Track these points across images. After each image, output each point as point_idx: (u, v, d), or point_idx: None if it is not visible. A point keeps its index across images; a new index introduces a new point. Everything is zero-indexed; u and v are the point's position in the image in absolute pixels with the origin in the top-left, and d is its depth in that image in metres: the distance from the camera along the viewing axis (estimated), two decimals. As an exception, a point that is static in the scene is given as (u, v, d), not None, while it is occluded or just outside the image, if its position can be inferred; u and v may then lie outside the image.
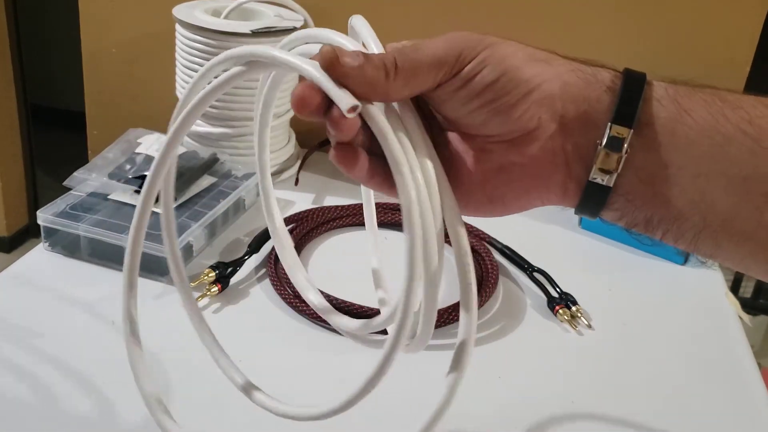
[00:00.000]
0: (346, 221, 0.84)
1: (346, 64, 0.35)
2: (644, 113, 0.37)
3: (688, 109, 0.37)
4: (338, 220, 0.84)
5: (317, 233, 0.82)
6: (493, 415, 0.60)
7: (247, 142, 0.92)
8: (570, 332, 0.71)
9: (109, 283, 0.71)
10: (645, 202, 0.38)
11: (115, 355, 0.61)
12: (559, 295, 0.75)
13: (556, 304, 0.74)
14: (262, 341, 0.66)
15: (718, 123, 0.37)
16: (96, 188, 0.78)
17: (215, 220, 0.79)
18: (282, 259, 0.50)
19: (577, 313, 0.72)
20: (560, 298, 0.74)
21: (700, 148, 0.37)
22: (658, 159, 0.37)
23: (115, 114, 1.14)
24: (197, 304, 0.49)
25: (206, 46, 0.86)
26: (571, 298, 0.74)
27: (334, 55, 0.35)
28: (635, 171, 0.37)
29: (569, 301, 0.74)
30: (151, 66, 1.09)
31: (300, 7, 0.95)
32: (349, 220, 0.84)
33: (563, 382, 0.65)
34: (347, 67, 0.35)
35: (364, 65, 0.35)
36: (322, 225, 0.83)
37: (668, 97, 0.38)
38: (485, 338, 0.69)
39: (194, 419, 0.56)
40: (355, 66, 0.35)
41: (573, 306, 0.73)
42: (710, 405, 0.64)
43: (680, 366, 0.69)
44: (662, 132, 0.37)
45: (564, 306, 0.73)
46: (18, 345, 0.61)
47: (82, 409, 0.55)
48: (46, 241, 0.74)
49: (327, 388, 0.61)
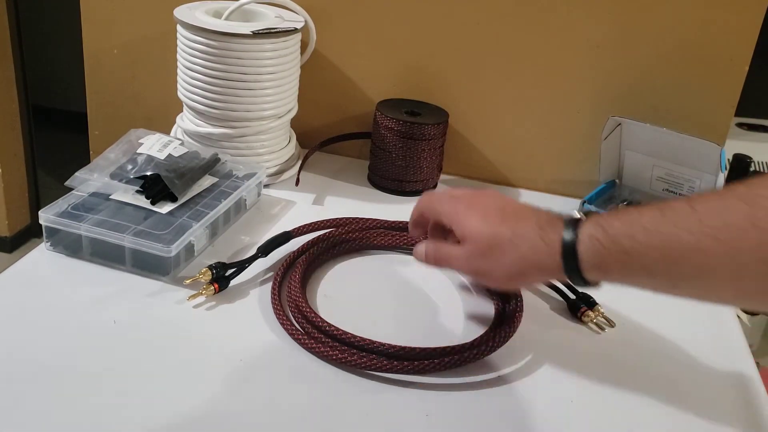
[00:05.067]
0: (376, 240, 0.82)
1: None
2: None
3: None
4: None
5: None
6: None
7: (248, 142, 0.92)
8: (600, 333, 0.72)
9: (111, 282, 0.71)
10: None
11: (116, 354, 0.62)
12: (577, 297, 0.75)
13: (579, 307, 0.74)
14: (247, 345, 0.65)
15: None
16: (98, 188, 0.78)
17: (216, 219, 0.79)
18: None
19: (601, 315, 0.73)
20: (580, 300, 0.74)
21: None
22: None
23: (116, 114, 1.14)
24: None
25: (207, 47, 0.86)
26: (591, 299, 0.74)
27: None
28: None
29: (590, 302, 0.74)
30: (152, 67, 1.09)
31: (300, 8, 0.96)
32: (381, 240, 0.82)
33: (563, 381, 0.65)
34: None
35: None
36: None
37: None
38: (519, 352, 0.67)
39: (195, 418, 0.56)
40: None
41: (595, 306, 0.73)
42: (710, 405, 0.64)
43: (679, 366, 0.69)
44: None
45: (588, 308, 0.73)
46: (19, 345, 0.62)
47: (84, 408, 0.56)
48: (48, 240, 0.75)
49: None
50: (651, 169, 0.95)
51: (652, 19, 0.92)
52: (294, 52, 0.92)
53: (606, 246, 0.54)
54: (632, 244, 0.52)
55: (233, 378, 0.61)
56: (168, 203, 0.77)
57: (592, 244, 0.54)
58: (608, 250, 0.54)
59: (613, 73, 0.96)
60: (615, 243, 0.53)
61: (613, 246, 0.53)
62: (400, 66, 1.01)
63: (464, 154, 1.05)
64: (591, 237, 0.54)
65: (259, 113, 0.90)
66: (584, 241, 0.55)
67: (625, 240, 0.53)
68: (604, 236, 0.54)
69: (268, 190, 0.93)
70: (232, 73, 0.87)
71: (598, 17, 0.94)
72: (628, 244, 0.53)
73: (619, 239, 0.53)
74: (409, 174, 0.96)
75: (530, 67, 0.98)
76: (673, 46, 0.93)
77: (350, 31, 1.01)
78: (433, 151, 0.96)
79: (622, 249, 0.53)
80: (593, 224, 0.55)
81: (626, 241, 0.53)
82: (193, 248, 0.75)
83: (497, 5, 0.95)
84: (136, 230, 0.72)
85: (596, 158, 0.98)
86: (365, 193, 0.97)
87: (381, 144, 0.96)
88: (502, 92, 1.00)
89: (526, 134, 1.02)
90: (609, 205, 0.96)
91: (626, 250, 0.53)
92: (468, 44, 0.98)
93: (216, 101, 0.89)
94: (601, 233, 0.54)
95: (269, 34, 0.87)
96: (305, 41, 0.99)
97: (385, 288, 0.77)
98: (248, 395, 0.59)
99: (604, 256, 0.54)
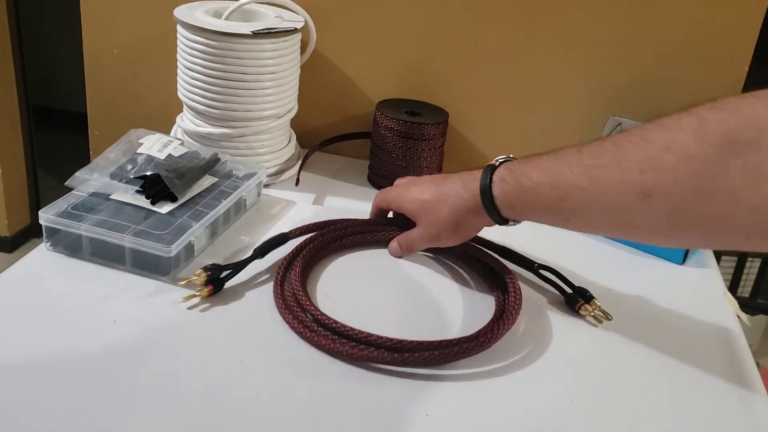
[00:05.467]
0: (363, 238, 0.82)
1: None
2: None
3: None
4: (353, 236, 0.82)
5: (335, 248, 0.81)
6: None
7: (247, 142, 0.92)
8: (597, 327, 0.73)
9: (111, 282, 0.71)
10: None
11: (116, 354, 0.62)
12: (574, 291, 0.75)
13: (577, 301, 0.74)
14: (247, 345, 0.65)
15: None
16: (97, 188, 0.78)
17: (216, 219, 0.79)
18: None
19: (598, 309, 0.74)
20: (577, 293, 0.75)
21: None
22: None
23: (116, 114, 1.14)
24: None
25: (207, 47, 0.86)
26: (588, 293, 0.75)
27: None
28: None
29: (586, 296, 0.75)
30: (152, 67, 1.09)
31: (300, 8, 0.96)
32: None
33: (563, 380, 0.65)
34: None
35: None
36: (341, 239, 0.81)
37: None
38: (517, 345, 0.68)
39: (193, 418, 0.56)
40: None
41: (592, 300, 0.74)
42: (709, 405, 0.64)
43: (679, 365, 0.69)
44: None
45: (585, 302, 0.74)
46: (19, 344, 0.62)
47: (83, 408, 0.56)
48: (48, 240, 0.75)
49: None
50: (651, 168, 0.95)
51: (652, 18, 0.92)
52: (294, 52, 0.92)
53: (512, 185, 0.65)
54: (529, 183, 0.63)
55: (233, 378, 0.61)
56: (168, 203, 0.77)
57: (502, 186, 0.66)
58: (514, 189, 0.65)
59: (613, 73, 0.96)
60: (518, 182, 0.64)
61: (517, 185, 0.64)
62: (400, 66, 1.01)
63: (464, 154, 1.05)
64: (501, 179, 0.66)
65: (259, 113, 0.90)
66: (496, 183, 0.66)
67: (524, 179, 0.64)
68: (511, 177, 0.65)
69: (268, 190, 0.93)
70: (232, 73, 0.87)
71: (598, 17, 0.94)
72: (527, 183, 0.63)
73: (520, 179, 0.64)
74: (409, 174, 0.96)
75: (530, 67, 0.98)
76: (672, 46, 0.93)
77: (350, 31, 1.01)
78: (433, 151, 0.96)
79: (522, 187, 0.64)
80: (504, 168, 0.66)
81: (525, 180, 0.64)
82: (193, 248, 0.75)
83: (497, 5, 0.95)
84: (136, 230, 0.72)
85: (596, 158, 0.98)
86: (365, 193, 0.97)
87: (381, 144, 0.96)
88: (502, 92, 1.00)
89: (526, 134, 1.02)
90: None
91: (525, 188, 0.64)
92: (468, 44, 0.98)
93: (216, 101, 0.89)
94: (508, 175, 0.65)
95: (269, 34, 0.87)
96: (305, 41, 0.99)
97: (383, 283, 0.77)
98: (247, 395, 0.59)
99: (510, 194, 0.65)
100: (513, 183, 0.65)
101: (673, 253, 0.86)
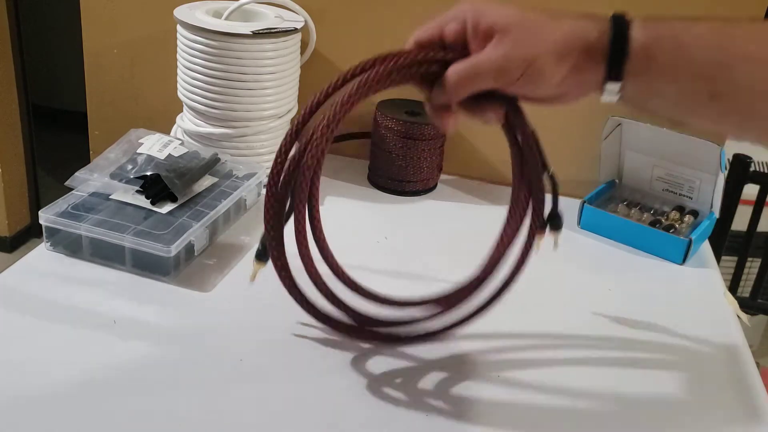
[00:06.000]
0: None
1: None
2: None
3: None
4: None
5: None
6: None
7: (248, 142, 0.92)
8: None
9: (111, 282, 0.71)
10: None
11: (116, 354, 0.62)
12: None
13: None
14: (247, 344, 0.66)
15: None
16: (97, 188, 0.78)
17: (217, 219, 0.79)
18: None
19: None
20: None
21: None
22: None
23: (116, 114, 1.14)
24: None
25: (207, 47, 0.86)
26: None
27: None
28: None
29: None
30: (152, 67, 1.09)
31: (300, 8, 0.96)
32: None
33: (563, 379, 0.65)
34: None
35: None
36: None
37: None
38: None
39: (193, 418, 0.56)
40: None
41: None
42: (709, 405, 0.64)
43: (679, 366, 0.69)
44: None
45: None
46: (19, 344, 0.62)
47: (84, 408, 0.56)
48: (48, 240, 0.75)
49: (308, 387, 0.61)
50: (651, 169, 0.95)
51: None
52: (294, 52, 0.92)
53: (662, 34, 0.50)
54: (688, 37, 0.49)
55: (233, 378, 0.61)
56: (168, 203, 0.77)
57: (645, 30, 0.50)
58: (666, 38, 0.49)
59: (613, 73, 0.96)
60: (673, 32, 0.50)
61: (672, 35, 0.49)
62: (400, 66, 1.01)
63: (464, 154, 1.05)
64: (643, 25, 0.50)
65: (259, 113, 0.90)
66: (637, 26, 0.50)
67: (682, 32, 0.49)
68: (661, 26, 0.50)
69: (268, 190, 0.93)
70: (232, 73, 0.87)
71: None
72: (685, 36, 0.49)
73: (675, 29, 0.50)
74: (409, 174, 0.96)
75: (530, 67, 0.98)
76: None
77: (350, 31, 1.01)
78: (433, 151, 0.96)
79: (677, 39, 0.49)
80: (642, 20, 0.51)
81: (683, 33, 0.49)
82: (193, 248, 0.75)
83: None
84: (136, 230, 0.72)
85: (596, 158, 0.98)
86: (365, 193, 0.97)
87: (381, 144, 0.96)
88: (502, 92, 1.00)
89: (526, 134, 1.02)
90: (609, 205, 0.96)
91: (681, 41, 0.49)
92: (468, 44, 0.98)
93: (216, 101, 0.89)
94: (653, 25, 0.50)
95: (269, 34, 0.87)
96: (305, 41, 0.99)
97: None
98: (247, 395, 0.59)
99: (655, 38, 0.50)
100: (666, 32, 0.49)
101: (673, 253, 0.86)
